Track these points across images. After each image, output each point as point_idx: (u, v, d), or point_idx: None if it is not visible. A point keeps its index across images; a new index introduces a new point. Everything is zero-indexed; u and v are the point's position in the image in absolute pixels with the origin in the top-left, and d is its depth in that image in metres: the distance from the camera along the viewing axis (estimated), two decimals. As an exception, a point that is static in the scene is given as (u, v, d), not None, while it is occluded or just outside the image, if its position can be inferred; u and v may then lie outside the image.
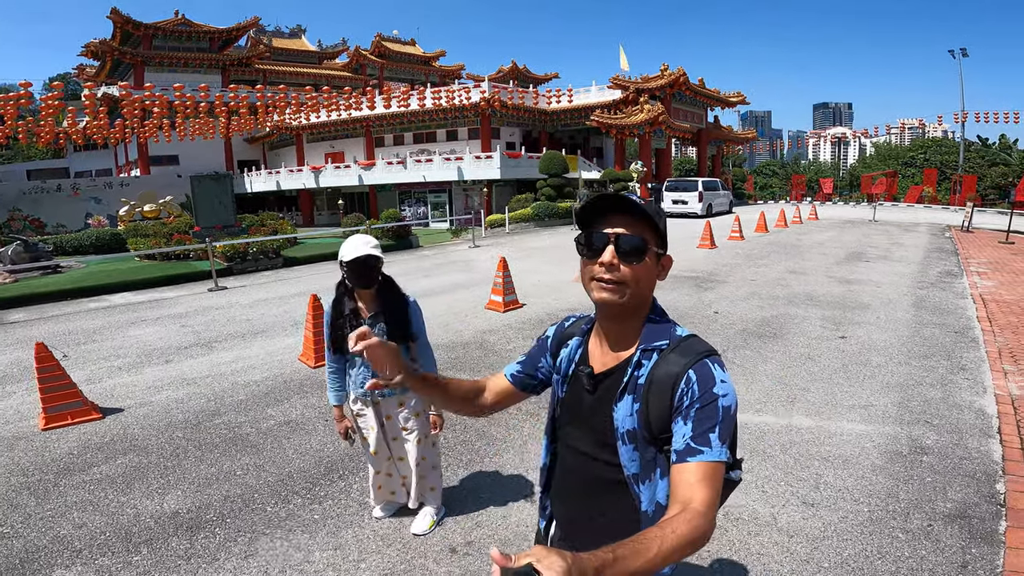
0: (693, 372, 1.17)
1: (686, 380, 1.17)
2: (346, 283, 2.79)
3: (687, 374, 1.17)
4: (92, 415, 4.64)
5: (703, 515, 1.03)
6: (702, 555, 2.87)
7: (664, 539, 0.96)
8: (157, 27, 39.51)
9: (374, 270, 2.70)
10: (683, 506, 1.05)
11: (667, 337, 1.25)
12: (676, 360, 1.20)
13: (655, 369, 1.21)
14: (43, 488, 3.60)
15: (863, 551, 2.86)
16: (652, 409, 1.19)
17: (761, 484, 3.52)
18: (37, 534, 3.10)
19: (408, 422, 2.97)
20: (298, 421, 4.53)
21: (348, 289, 2.81)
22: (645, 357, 1.24)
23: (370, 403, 2.95)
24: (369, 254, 2.63)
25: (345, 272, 2.71)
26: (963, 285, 9.48)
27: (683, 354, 1.21)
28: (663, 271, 1.29)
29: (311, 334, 5.91)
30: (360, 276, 2.68)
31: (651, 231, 1.23)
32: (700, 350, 1.22)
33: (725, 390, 1.17)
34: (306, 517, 3.23)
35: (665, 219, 1.28)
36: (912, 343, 6.31)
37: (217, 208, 14.86)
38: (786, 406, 4.68)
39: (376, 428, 2.98)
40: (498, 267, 8.23)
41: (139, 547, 2.95)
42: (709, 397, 1.14)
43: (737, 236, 15.69)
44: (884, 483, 3.49)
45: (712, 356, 1.21)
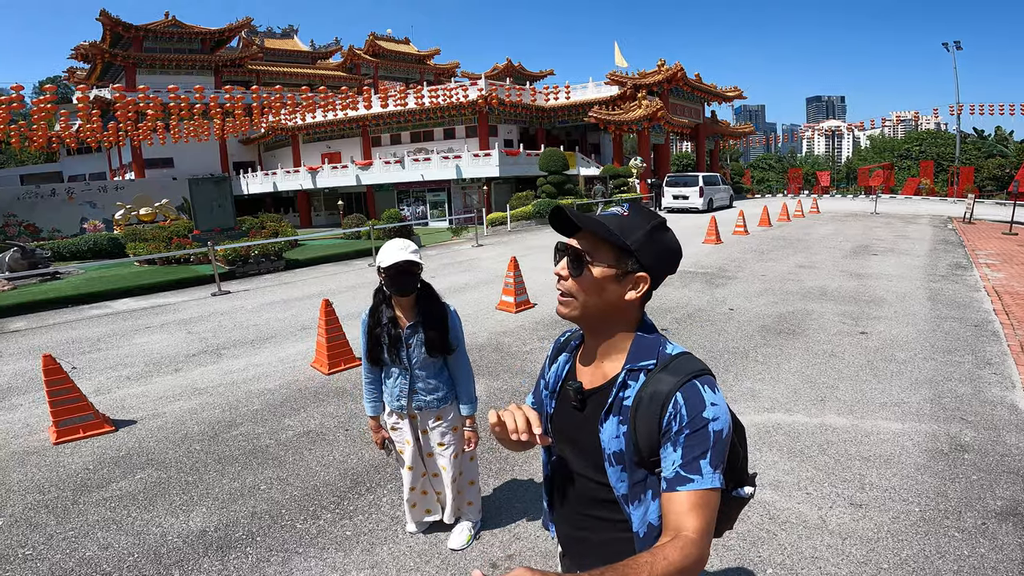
0: (681, 395, 1.12)
1: (674, 403, 1.11)
2: (384, 290, 2.66)
3: (675, 397, 1.12)
4: (104, 428, 4.50)
5: (695, 543, 1.01)
6: (755, 560, 2.77)
7: (655, 565, 0.95)
8: (148, 29, 39.09)
9: (414, 277, 2.56)
10: (675, 534, 1.03)
11: (654, 356, 1.20)
12: (665, 380, 1.14)
13: (642, 390, 1.16)
14: (62, 506, 3.47)
15: (921, 551, 2.79)
16: (640, 432, 1.14)
17: (804, 486, 3.43)
18: (62, 556, 2.97)
19: (444, 436, 2.84)
20: (318, 431, 4.40)
21: (386, 296, 2.67)
22: (631, 378, 1.19)
23: (406, 416, 2.82)
24: (409, 259, 2.49)
25: (383, 279, 2.58)
26: (975, 278, 9.42)
27: (672, 374, 1.15)
28: (634, 289, 1.19)
29: (324, 340, 5.77)
30: (399, 283, 2.54)
31: (606, 244, 1.18)
32: (690, 370, 1.15)
33: (716, 413, 1.11)
34: (338, 534, 3.11)
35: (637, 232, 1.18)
36: (934, 338, 6.24)
37: (216, 211, 14.68)
38: (817, 405, 4.59)
39: (412, 443, 2.85)
40: (509, 267, 8.11)
41: (170, 569, 2.83)
42: (699, 422, 1.10)
43: (742, 231, 15.61)
44: (931, 482, 3.42)
45: (702, 377, 1.15)
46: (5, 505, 3.52)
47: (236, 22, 42.71)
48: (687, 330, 6.76)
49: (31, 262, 13.55)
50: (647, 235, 1.18)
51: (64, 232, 26.84)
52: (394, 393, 2.76)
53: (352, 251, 15.31)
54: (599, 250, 1.19)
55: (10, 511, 3.45)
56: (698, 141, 36.60)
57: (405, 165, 30.06)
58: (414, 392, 2.73)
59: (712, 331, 6.69)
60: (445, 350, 2.68)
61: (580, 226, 1.22)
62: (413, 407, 2.77)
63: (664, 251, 1.21)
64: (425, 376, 2.72)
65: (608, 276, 1.19)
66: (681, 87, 31.30)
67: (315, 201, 37.66)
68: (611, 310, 1.21)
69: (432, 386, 2.73)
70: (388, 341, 2.64)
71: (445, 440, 2.84)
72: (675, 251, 1.24)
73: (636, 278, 1.19)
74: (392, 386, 2.76)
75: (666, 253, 1.22)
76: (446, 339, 2.68)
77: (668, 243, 1.22)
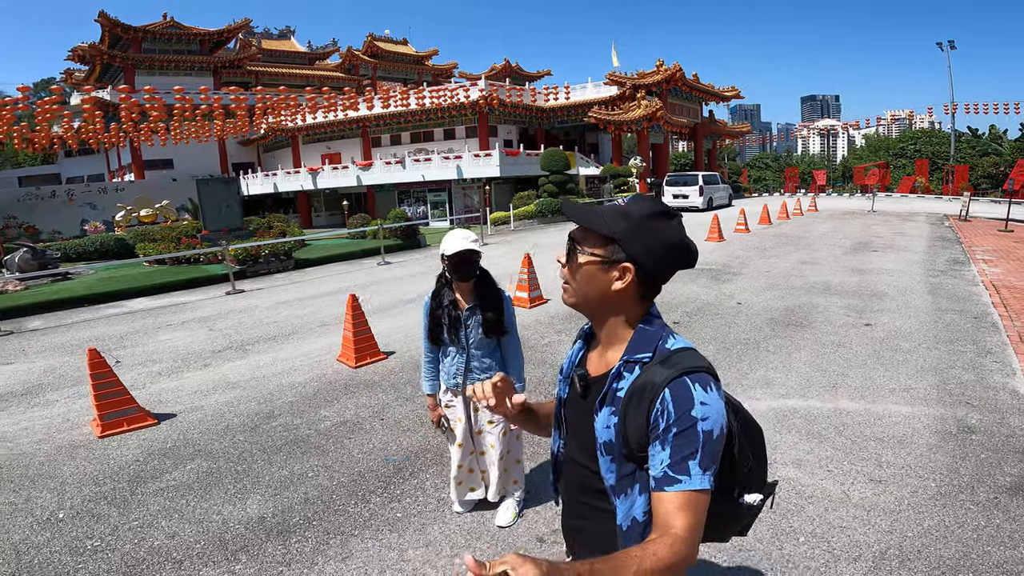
0: (669, 391, 1.09)
1: (661, 400, 1.09)
2: (446, 276, 2.91)
3: (663, 393, 1.09)
4: (147, 421, 4.67)
5: (685, 540, 1.01)
6: (787, 529, 2.99)
7: (644, 559, 0.96)
8: (146, 30, 39.09)
9: (473, 264, 2.81)
10: (663, 530, 1.03)
11: (651, 349, 1.18)
12: (658, 374, 1.12)
13: (635, 383, 1.15)
14: (120, 497, 3.62)
15: (941, 522, 3.01)
16: (629, 425, 1.13)
17: (825, 464, 3.65)
18: (132, 546, 3.10)
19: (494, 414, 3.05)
20: (354, 421, 4.58)
21: (447, 281, 2.93)
22: (627, 369, 1.18)
23: (460, 393, 3.02)
24: (470, 248, 2.74)
25: (446, 265, 2.83)
26: (972, 273, 9.66)
27: (665, 368, 1.12)
28: (620, 279, 1.18)
29: (351, 334, 5.94)
30: (461, 269, 2.80)
31: (593, 233, 1.20)
32: (685, 366, 1.12)
33: (705, 413, 1.08)
34: (389, 516, 3.28)
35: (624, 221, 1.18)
36: (936, 329, 6.47)
37: (224, 211, 14.82)
38: (829, 391, 4.82)
39: (464, 420, 3.06)
40: (523, 263, 8.30)
41: (237, 555, 2.98)
42: (687, 421, 1.07)
43: (743, 229, 15.84)
44: (943, 460, 3.64)
45: (695, 374, 1.11)
46: (63, 498, 3.64)
47: (234, 23, 42.77)
48: (698, 323, 6.96)
49: (41, 263, 13.64)
50: (635, 224, 1.16)
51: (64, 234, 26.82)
52: (451, 371, 2.99)
53: (360, 250, 15.47)
54: (588, 239, 1.21)
55: (69, 504, 3.57)
56: (696, 141, 36.86)
57: (406, 165, 30.19)
58: (469, 370, 2.97)
59: (723, 324, 6.90)
60: (500, 331, 2.92)
61: (566, 214, 1.25)
62: (467, 384, 2.98)
63: (655, 242, 1.16)
64: (480, 355, 2.95)
65: (594, 264, 1.20)
66: (679, 87, 31.56)
67: (315, 202, 37.73)
68: (602, 299, 1.22)
69: (486, 365, 2.96)
70: (448, 322, 2.89)
71: (495, 418, 3.04)
72: (671, 244, 1.17)
73: (621, 267, 1.18)
74: (449, 364, 3.00)
75: (657, 244, 1.17)
76: (502, 321, 2.92)
77: (661, 234, 1.17)
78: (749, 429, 1.31)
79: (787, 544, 2.88)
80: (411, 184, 30.93)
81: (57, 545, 3.14)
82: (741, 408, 1.32)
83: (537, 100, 33.05)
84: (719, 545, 2.89)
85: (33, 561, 3.01)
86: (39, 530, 3.30)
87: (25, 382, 6.10)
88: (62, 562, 3.00)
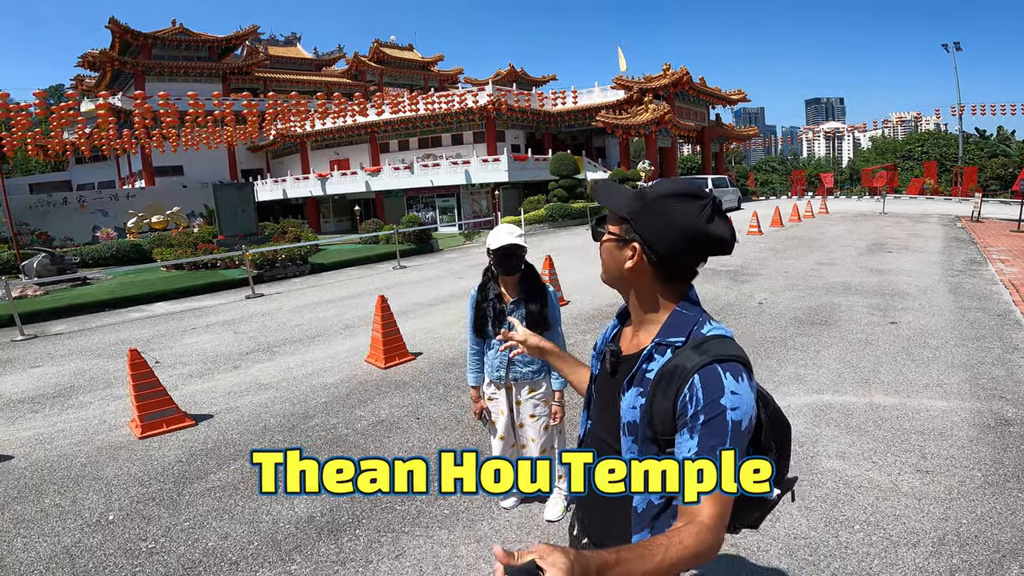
0: (699, 377, 1.08)
1: (690, 386, 1.08)
2: (492, 269, 2.96)
3: (693, 379, 1.08)
4: (186, 422, 4.71)
5: (711, 529, 1.00)
6: (840, 518, 3.02)
7: (670, 548, 0.95)
8: (156, 36, 39.43)
9: (519, 258, 2.85)
10: (690, 519, 1.02)
11: (684, 333, 1.16)
12: (690, 358, 1.11)
13: (665, 366, 1.14)
14: (168, 498, 3.64)
15: (994, 508, 3.05)
16: (656, 408, 1.13)
17: (869, 456, 3.68)
18: (186, 548, 3.10)
19: (536, 408, 3.08)
20: (390, 420, 4.62)
21: (494, 275, 2.97)
22: (659, 351, 1.17)
23: (503, 386, 3.06)
24: (515, 243, 2.78)
25: (492, 259, 2.88)
26: (991, 272, 9.66)
27: (698, 354, 1.11)
28: (631, 259, 1.20)
29: (380, 335, 5.98)
30: (505, 263, 2.84)
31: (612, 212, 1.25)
32: (717, 353, 1.10)
33: (736, 403, 1.06)
34: (437, 513, 3.31)
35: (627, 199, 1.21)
36: (961, 326, 6.49)
37: (240, 216, 14.92)
38: (863, 386, 4.85)
39: (506, 413, 3.09)
40: (544, 265, 8.34)
41: (291, 554, 3.00)
42: (715, 409, 1.05)
43: (756, 231, 15.84)
44: (986, 452, 3.68)
45: (727, 363, 1.09)
46: (111, 499, 3.65)
47: (242, 30, 43.04)
48: (723, 321, 6.93)
49: (59, 268, 13.77)
50: (647, 205, 1.17)
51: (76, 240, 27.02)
52: (494, 364, 3.04)
53: (374, 255, 15.56)
54: (611, 217, 1.26)
55: (117, 505, 3.58)
56: (704, 144, 36.87)
57: (414, 171, 30.30)
58: (512, 363, 3.01)
59: (748, 322, 6.91)
60: (544, 325, 2.93)
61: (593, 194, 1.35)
62: (510, 377, 3.03)
63: (667, 224, 1.14)
64: None
65: (611, 242, 1.24)
66: (686, 91, 31.60)
67: (323, 208, 37.89)
68: (620, 277, 1.24)
69: (529, 359, 2.99)
70: (493, 315, 2.93)
71: (536, 412, 3.08)
72: (685, 227, 1.13)
73: (632, 247, 1.19)
74: (493, 357, 3.05)
75: (669, 226, 1.14)
76: (546, 315, 2.94)
77: (675, 216, 1.14)
78: (778, 423, 1.29)
79: (842, 532, 2.91)
80: (420, 189, 31.04)
81: (111, 548, 3.14)
82: (772, 401, 1.30)
83: (544, 105, 33.16)
84: (771, 531, 2.92)
85: (88, 565, 2.99)
86: (90, 532, 3.30)
87: (56, 384, 6.17)
88: (118, 565, 2.98)
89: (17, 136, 19.95)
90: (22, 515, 3.53)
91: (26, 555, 3.11)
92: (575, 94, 31.45)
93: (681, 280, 1.22)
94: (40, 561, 3.05)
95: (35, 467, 4.19)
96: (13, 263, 16.10)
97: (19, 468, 4.19)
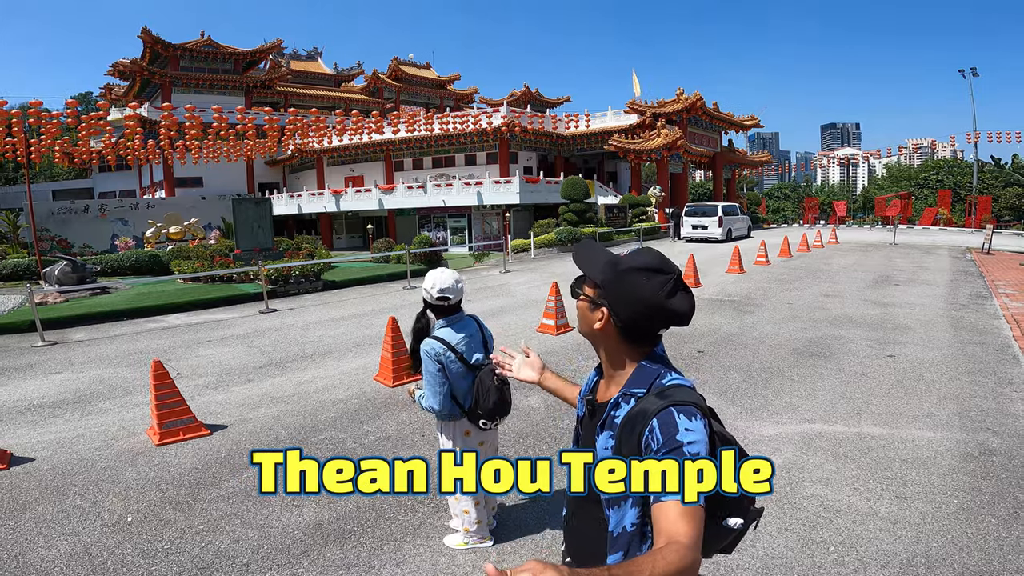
0: (657, 420, 1.21)
1: (650, 428, 1.21)
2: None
3: (652, 422, 1.21)
4: (201, 431, 4.94)
5: (689, 548, 1.07)
6: (818, 540, 3.20)
7: (655, 565, 1.02)
8: (185, 48, 40.60)
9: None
10: (668, 539, 1.09)
11: (646, 385, 1.31)
12: (651, 404, 1.24)
13: (630, 411, 1.28)
14: (184, 503, 3.85)
15: (964, 533, 3.23)
16: (624, 448, 1.26)
17: (851, 482, 3.85)
18: (200, 549, 3.30)
19: None
20: (397, 436, 4.82)
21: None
22: (624, 400, 1.32)
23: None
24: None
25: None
26: (994, 307, 9.74)
27: (658, 399, 1.25)
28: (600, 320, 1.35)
29: (389, 355, 6.21)
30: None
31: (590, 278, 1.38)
32: (674, 399, 1.24)
33: (691, 438, 1.19)
34: (438, 524, 3.50)
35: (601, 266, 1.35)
36: (958, 360, 6.62)
37: (256, 231, 15.30)
38: (854, 417, 5.02)
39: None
40: (551, 291, 8.56)
41: (299, 559, 3.20)
42: (674, 443, 1.18)
43: (763, 261, 15.97)
44: (964, 480, 3.85)
45: (682, 406, 1.23)
46: (129, 502, 3.86)
47: (266, 44, 44.14)
48: (723, 352, 7.14)
49: (80, 276, 14.13)
50: (617, 275, 1.31)
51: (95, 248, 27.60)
52: None
53: (385, 274, 15.86)
54: (587, 278, 1.40)
55: (135, 507, 3.79)
56: (715, 170, 37.13)
57: (427, 190, 30.76)
58: None
59: (747, 354, 7.06)
60: None
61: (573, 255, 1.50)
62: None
63: (630, 295, 1.30)
64: None
65: (584, 303, 1.39)
66: (699, 116, 31.94)
67: (336, 224, 38.45)
68: (592, 336, 1.40)
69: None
70: None
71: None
72: (647, 301, 1.28)
73: (601, 311, 1.34)
74: None
75: (631, 298, 1.29)
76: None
77: (636, 288, 1.29)
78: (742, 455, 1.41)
79: (818, 553, 3.10)
80: (432, 209, 31.47)
81: (128, 548, 3.34)
82: (735, 442, 1.37)
83: (557, 127, 33.63)
84: (751, 551, 3.09)
85: (107, 563, 3.18)
86: (109, 533, 3.50)
87: (76, 391, 6.42)
88: (135, 564, 3.18)
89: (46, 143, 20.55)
90: (44, 515, 3.74)
91: (47, 552, 3.31)
92: (588, 117, 31.91)
93: (644, 342, 1.36)
94: (61, 559, 3.25)
95: (57, 470, 4.40)
96: (34, 269, 16.51)
97: (41, 470, 4.41)
